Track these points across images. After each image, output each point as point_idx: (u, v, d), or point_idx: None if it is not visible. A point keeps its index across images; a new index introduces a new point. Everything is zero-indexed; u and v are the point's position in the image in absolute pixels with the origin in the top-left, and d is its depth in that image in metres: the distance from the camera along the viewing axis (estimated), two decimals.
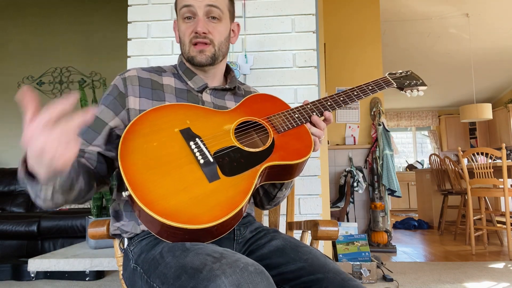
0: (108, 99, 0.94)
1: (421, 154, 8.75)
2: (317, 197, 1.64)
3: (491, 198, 5.22)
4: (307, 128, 0.95)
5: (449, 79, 6.91)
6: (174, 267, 0.70)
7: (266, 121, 0.94)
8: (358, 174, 3.76)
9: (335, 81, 4.21)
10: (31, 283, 2.47)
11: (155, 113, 0.88)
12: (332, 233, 0.99)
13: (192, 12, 0.97)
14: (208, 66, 1.00)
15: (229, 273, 0.62)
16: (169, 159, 0.79)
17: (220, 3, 0.98)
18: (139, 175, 0.75)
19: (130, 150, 0.79)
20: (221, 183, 0.78)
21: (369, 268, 2.39)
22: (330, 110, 0.99)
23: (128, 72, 0.99)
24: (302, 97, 1.66)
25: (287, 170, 0.89)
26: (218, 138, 0.87)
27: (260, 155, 0.86)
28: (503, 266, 2.93)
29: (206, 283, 0.62)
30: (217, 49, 0.99)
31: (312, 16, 1.69)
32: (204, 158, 0.81)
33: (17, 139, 4.26)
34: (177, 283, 0.67)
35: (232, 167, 0.81)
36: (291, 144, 0.91)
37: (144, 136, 0.82)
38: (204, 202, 0.74)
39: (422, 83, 1.16)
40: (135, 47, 1.71)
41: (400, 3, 4.64)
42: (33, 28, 4.38)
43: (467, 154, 3.54)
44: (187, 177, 0.77)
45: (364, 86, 1.06)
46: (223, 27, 1.01)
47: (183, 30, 1.00)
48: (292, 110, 0.97)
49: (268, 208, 1.14)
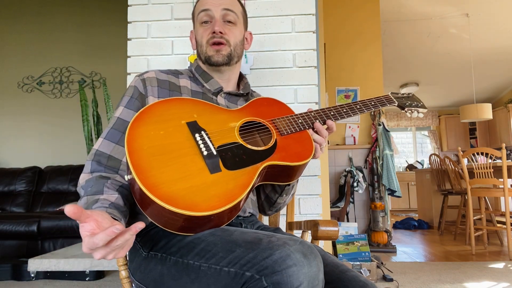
0: (128, 100, 0.98)
1: (421, 154, 8.75)
2: (317, 197, 1.64)
3: (491, 198, 5.22)
4: (309, 134, 0.98)
5: (449, 79, 6.91)
6: (221, 243, 0.74)
7: (270, 123, 0.97)
8: (358, 174, 3.76)
9: (335, 81, 4.21)
10: (31, 283, 2.47)
11: (164, 104, 0.90)
12: (332, 233, 1.00)
13: (209, 16, 1.04)
14: (224, 66, 1.05)
15: (291, 244, 0.67)
16: (173, 148, 0.82)
17: (235, 8, 1.06)
18: (143, 160, 0.77)
19: (137, 136, 0.81)
20: (222, 175, 0.80)
21: (369, 268, 2.39)
22: (333, 119, 1.03)
23: (147, 73, 1.03)
24: (302, 97, 1.66)
25: (286, 172, 0.92)
26: (223, 133, 0.89)
27: (262, 154, 0.88)
28: (503, 266, 2.93)
29: (269, 251, 0.66)
30: (233, 49, 1.05)
31: (312, 16, 1.69)
32: (207, 150, 0.83)
33: (17, 139, 4.27)
34: (230, 256, 0.70)
35: (234, 162, 0.83)
36: (293, 147, 0.93)
37: (152, 124, 0.84)
38: (204, 192, 0.76)
39: (422, 106, 1.21)
40: (135, 47, 1.71)
41: (400, 3, 4.64)
42: (33, 28, 4.37)
43: (467, 154, 3.54)
44: (190, 166, 0.79)
45: (367, 101, 1.11)
46: (238, 31, 1.07)
47: (200, 33, 1.06)
48: (296, 116, 1.01)
49: (270, 214, 1.17)
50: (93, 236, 0.60)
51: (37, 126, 4.24)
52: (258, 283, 0.65)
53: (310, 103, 1.65)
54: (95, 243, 0.60)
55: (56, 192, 3.66)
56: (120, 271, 0.97)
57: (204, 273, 0.73)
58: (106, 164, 0.90)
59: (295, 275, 0.63)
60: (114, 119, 0.96)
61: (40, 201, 3.61)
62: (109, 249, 0.63)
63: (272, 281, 0.64)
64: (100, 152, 0.91)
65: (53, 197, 3.62)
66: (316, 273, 0.66)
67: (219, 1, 1.04)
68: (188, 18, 1.71)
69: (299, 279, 0.63)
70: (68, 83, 4.29)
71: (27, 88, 4.30)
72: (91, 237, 0.61)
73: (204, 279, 0.73)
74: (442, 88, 7.32)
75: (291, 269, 0.64)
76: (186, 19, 1.71)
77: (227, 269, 0.70)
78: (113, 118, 0.97)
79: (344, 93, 4.22)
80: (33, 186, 3.71)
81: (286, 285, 0.63)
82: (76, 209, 0.60)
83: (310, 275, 0.65)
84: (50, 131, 4.22)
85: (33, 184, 3.71)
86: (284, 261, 0.64)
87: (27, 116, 4.26)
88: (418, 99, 1.23)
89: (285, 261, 0.64)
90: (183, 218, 0.72)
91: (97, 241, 0.60)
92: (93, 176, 0.87)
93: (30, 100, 4.27)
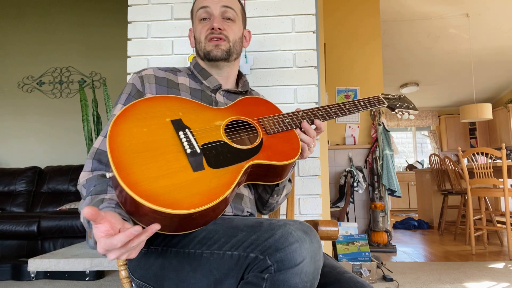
0: (126, 98, 0.98)
1: (421, 154, 8.75)
2: (317, 197, 1.64)
3: (491, 198, 5.22)
4: (296, 134, 0.97)
5: (449, 79, 6.91)
6: (222, 230, 0.75)
7: (256, 122, 0.96)
8: (358, 174, 3.76)
9: (335, 81, 4.21)
10: (31, 283, 2.47)
11: (149, 102, 0.89)
12: (332, 233, 1.00)
13: (208, 12, 1.04)
14: (223, 62, 1.05)
15: (292, 224, 0.69)
16: (156, 145, 0.80)
17: (234, 5, 1.06)
18: (125, 157, 0.76)
19: (119, 133, 0.80)
20: (205, 173, 0.79)
21: (369, 268, 2.39)
22: (321, 119, 1.01)
23: (145, 71, 1.02)
24: (302, 97, 1.66)
25: (272, 171, 0.91)
26: (208, 131, 0.89)
27: (247, 153, 0.87)
28: (503, 266, 2.93)
29: (271, 232, 0.68)
30: (232, 45, 1.05)
31: (312, 16, 1.69)
32: (191, 148, 0.82)
33: (17, 139, 4.27)
34: (232, 240, 0.72)
35: (218, 160, 0.82)
36: (279, 146, 0.92)
37: (135, 121, 0.83)
38: (186, 189, 0.74)
39: (413, 107, 1.20)
40: (135, 47, 1.71)
41: (400, 3, 4.64)
42: (33, 28, 4.37)
43: (467, 154, 3.54)
44: (172, 164, 0.78)
45: (356, 101, 1.10)
46: (237, 28, 1.07)
47: (199, 30, 1.05)
48: (283, 115, 1.00)
49: (265, 214, 1.17)
50: (109, 237, 0.61)
51: (37, 126, 4.24)
52: (263, 263, 0.66)
53: (310, 103, 1.65)
54: (113, 244, 0.61)
55: (56, 192, 3.66)
56: (120, 271, 0.97)
57: (206, 259, 0.74)
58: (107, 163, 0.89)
59: (298, 251, 0.65)
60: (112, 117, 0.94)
61: (40, 201, 3.61)
62: (124, 250, 0.64)
63: (276, 259, 0.65)
64: (101, 151, 0.90)
65: (53, 197, 3.62)
66: (318, 249, 0.68)
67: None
68: (188, 18, 1.71)
69: (301, 254, 0.65)
70: (68, 83, 4.29)
71: (27, 88, 4.30)
72: (107, 238, 0.62)
73: (207, 266, 0.74)
74: (442, 88, 7.33)
75: (294, 245, 0.65)
76: (186, 19, 1.72)
77: (230, 252, 0.71)
78: (112, 116, 0.96)
79: (344, 93, 4.22)
80: (33, 186, 3.71)
81: (290, 261, 0.64)
82: (94, 211, 0.61)
83: (312, 250, 0.66)
84: (50, 131, 4.22)
85: (33, 184, 3.71)
86: (286, 239, 0.66)
87: (27, 116, 4.26)
88: (409, 100, 1.22)
89: (287, 239, 0.66)
90: (164, 216, 0.71)
91: (116, 242, 0.61)
92: (94, 175, 0.87)
93: (30, 100, 4.27)
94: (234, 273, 0.70)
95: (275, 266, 0.64)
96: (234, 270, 0.70)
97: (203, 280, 0.74)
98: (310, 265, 0.65)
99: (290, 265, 0.64)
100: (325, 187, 1.86)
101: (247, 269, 0.68)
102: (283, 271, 0.64)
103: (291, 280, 0.64)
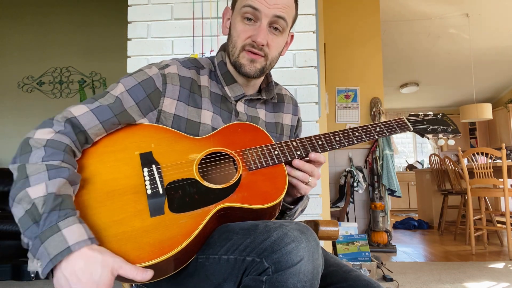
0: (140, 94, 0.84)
1: (421, 154, 8.75)
2: (317, 197, 1.64)
3: (491, 198, 5.22)
4: (285, 169, 0.83)
5: (449, 79, 6.91)
6: (217, 234, 0.73)
7: (239, 155, 0.83)
8: (358, 174, 3.76)
9: (335, 81, 4.21)
10: (31, 283, 2.47)
11: (128, 130, 0.82)
12: (333, 233, 0.99)
13: (256, 16, 0.87)
14: (253, 79, 0.94)
15: (287, 224, 0.67)
16: (115, 185, 0.73)
17: (288, 14, 0.90)
18: (80, 198, 0.70)
19: (82, 168, 0.74)
20: (163, 219, 0.70)
21: (369, 268, 2.39)
22: (319, 151, 0.87)
23: (169, 68, 0.89)
24: (302, 97, 1.65)
25: (249, 215, 0.77)
26: (178, 167, 0.78)
27: (219, 193, 0.76)
28: (503, 266, 2.93)
29: (267, 234, 0.66)
30: (269, 63, 0.92)
31: (312, 16, 1.69)
32: (153, 188, 0.74)
33: (17, 139, 4.26)
34: (227, 243, 0.70)
35: (183, 203, 0.73)
36: (259, 185, 0.79)
37: (101, 154, 0.77)
38: (137, 239, 0.67)
39: (454, 130, 0.96)
40: (135, 47, 1.71)
41: (400, 3, 4.64)
42: (33, 28, 4.37)
43: (467, 154, 3.54)
44: (130, 207, 0.71)
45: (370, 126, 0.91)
46: (282, 40, 0.93)
47: (238, 30, 0.89)
48: (272, 146, 0.86)
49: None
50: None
51: None
52: (260, 265, 0.64)
53: (310, 103, 1.65)
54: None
55: None
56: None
57: (202, 265, 0.72)
58: (77, 138, 0.76)
59: (295, 251, 0.63)
60: (112, 97, 0.82)
61: None
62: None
63: (273, 261, 0.63)
64: (78, 123, 0.77)
65: None
66: (315, 247, 0.66)
67: (273, 1, 0.86)
68: (188, 18, 1.71)
69: (298, 254, 0.63)
70: (68, 83, 4.29)
71: (27, 88, 4.30)
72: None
73: (202, 271, 0.72)
74: (442, 88, 7.32)
75: (290, 246, 0.63)
76: (186, 19, 1.71)
77: (226, 257, 0.69)
78: (110, 96, 0.82)
79: (344, 93, 4.22)
80: None
81: (287, 262, 0.63)
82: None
83: (309, 249, 0.64)
84: None
85: None
86: (282, 239, 0.64)
87: (27, 116, 4.25)
88: (448, 121, 0.97)
89: (283, 239, 0.64)
90: None
91: None
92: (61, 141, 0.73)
93: (30, 100, 4.27)
94: (232, 277, 0.68)
95: (272, 268, 0.63)
96: (231, 275, 0.68)
97: (200, 284, 0.73)
98: (308, 264, 0.64)
99: (288, 266, 0.62)
100: (325, 187, 1.86)
101: (244, 273, 0.67)
102: (281, 272, 0.63)
103: (290, 281, 0.62)
